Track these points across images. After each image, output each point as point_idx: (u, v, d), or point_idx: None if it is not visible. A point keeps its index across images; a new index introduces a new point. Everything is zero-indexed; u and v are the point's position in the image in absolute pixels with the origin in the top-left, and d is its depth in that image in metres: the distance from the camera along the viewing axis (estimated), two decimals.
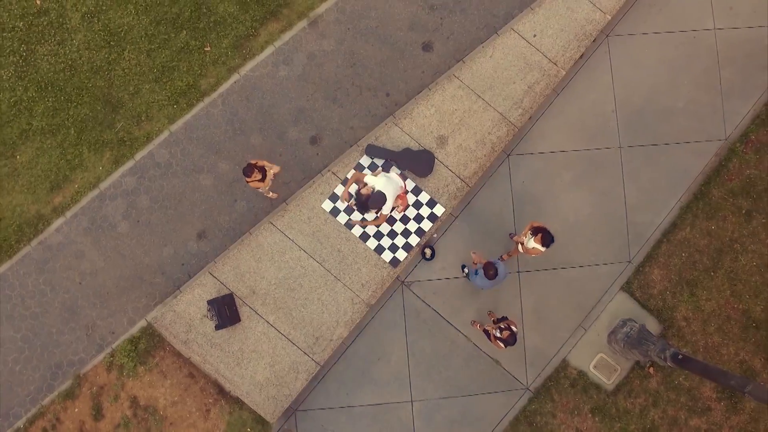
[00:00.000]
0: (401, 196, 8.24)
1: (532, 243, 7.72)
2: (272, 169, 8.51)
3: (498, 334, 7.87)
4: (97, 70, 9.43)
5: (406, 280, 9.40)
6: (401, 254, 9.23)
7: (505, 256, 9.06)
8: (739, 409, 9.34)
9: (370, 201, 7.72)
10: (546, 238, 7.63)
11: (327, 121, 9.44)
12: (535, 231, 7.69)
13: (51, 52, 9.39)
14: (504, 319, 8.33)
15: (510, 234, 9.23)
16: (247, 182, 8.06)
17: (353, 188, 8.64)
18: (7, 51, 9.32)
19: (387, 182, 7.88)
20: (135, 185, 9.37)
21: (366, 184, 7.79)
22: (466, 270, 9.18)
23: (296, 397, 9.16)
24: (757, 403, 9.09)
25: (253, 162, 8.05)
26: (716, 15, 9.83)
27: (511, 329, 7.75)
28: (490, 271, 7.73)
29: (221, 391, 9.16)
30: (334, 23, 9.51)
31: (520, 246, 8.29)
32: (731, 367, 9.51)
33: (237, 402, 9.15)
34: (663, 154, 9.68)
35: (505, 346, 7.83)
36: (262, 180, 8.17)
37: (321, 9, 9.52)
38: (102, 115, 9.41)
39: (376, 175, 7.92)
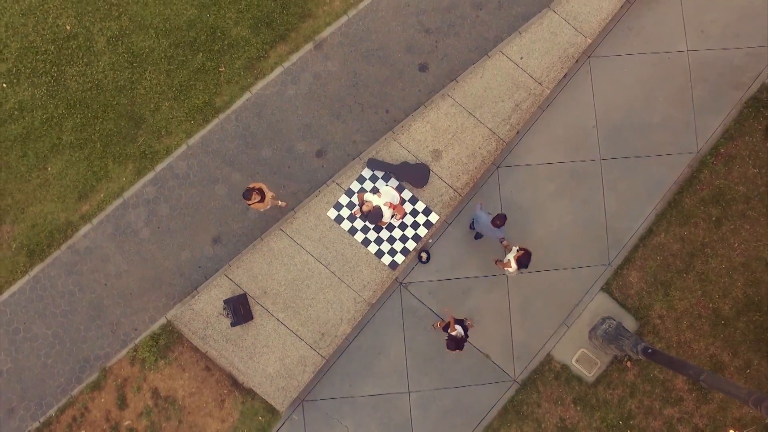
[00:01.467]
0: (397, 207, 8.87)
1: (512, 254, 8.38)
2: (270, 192, 8.88)
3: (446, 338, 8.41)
4: (121, 89, 9.95)
5: (403, 282, 9.92)
6: (399, 258, 9.79)
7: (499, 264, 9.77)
8: (709, 399, 9.93)
9: (369, 216, 8.44)
10: (523, 259, 8.22)
11: (331, 135, 9.98)
12: (521, 249, 8.33)
13: (79, 73, 9.92)
14: (461, 322, 8.84)
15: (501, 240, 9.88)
16: (249, 205, 8.45)
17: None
18: (40, 72, 9.87)
19: (382, 196, 8.64)
20: (155, 194, 9.91)
21: (366, 202, 8.50)
22: (480, 206, 9.26)
23: (304, 388, 9.64)
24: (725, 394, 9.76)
25: (251, 186, 8.42)
26: (689, 38, 10.35)
27: (451, 336, 8.25)
28: (498, 221, 8.29)
29: (235, 382, 9.69)
30: (338, 46, 10.05)
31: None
32: (702, 360, 10.08)
33: (249, 393, 9.68)
34: (640, 165, 10.19)
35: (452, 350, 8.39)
36: (262, 201, 8.55)
37: (326, 32, 10.03)
38: (125, 131, 9.94)
39: (373, 194, 8.67)
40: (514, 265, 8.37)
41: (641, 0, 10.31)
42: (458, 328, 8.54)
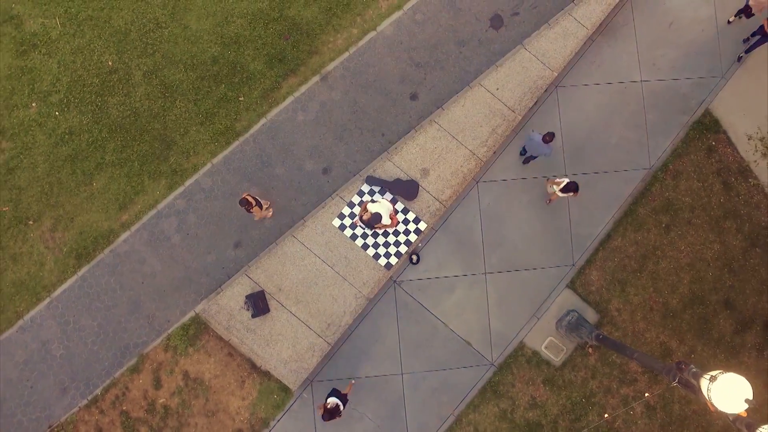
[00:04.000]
0: (392, 216, 9.93)
1: (559, 185, 9.51)
2: (266, 204, 10.05)
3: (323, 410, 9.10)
4: (155, 115, 11.01)
5: (397, 280, 10.92)
6: (393, 260, 10.84)
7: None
8: (660, 380, 10.98)
9: (371, 220, 9.50)
10: (569, 186, 9.35)
11: (335, 155, 11.03)
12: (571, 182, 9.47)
13: (119, 102, 11.00)
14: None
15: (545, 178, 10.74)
16: (250, 211, 9.47)
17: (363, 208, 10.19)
18: (86, 101, 11.03)
19: (381, 206, 9.75)
20: (185, 206, 10.88)
21: (367, 210, 9.64)
22: (534, 133, 9.79)
23: (312, 370, 10.54)
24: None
25: (243, 197, 9.38)
26: (642, 70, 11.45)
27: (327, 408, 8.92)
28: (548, 137, 9.22)
29: (254, 366, 10.66)
30: (341, 78, 11.15)
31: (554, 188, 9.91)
32: (653, 347, 11.15)
33: (266, 374, 10.62)
34: (600, 180, 11.26)
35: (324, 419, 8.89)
36: (259, 206, 9.60)
37: (330, 66, 11.16)
38: (159, 151, 10.98)
39: (373, 203, 9.86)
40: (559, 193, 9.38)
41: (601, 38, 11.55)
42: (330, 400, 9.18)
